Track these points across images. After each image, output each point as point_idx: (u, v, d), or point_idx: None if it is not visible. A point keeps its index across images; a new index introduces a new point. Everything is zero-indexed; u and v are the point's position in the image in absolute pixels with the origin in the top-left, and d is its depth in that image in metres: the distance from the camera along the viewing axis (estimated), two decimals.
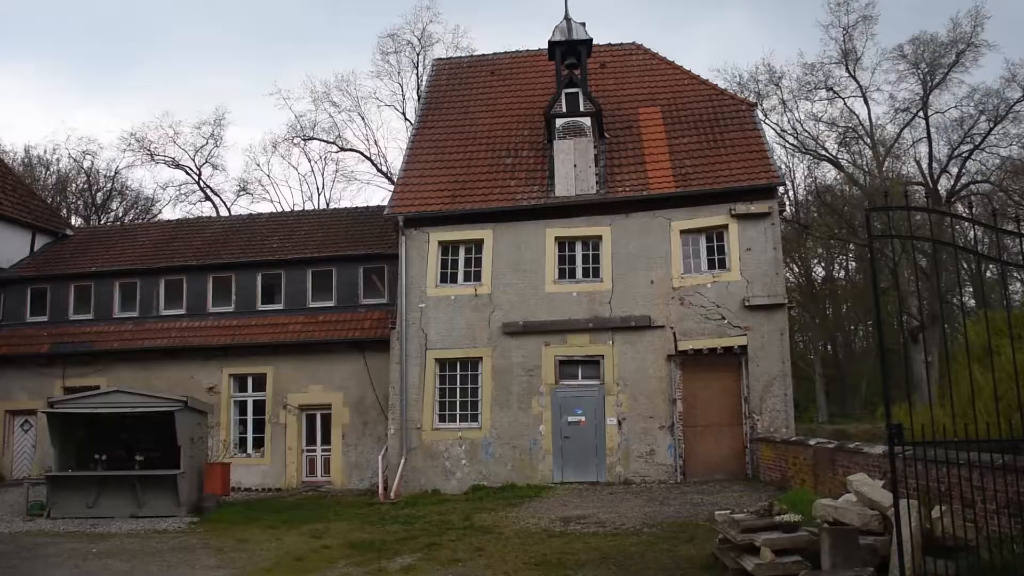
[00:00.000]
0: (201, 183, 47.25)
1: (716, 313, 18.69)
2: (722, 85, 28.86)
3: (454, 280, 19.99)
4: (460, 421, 19.39)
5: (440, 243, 20.10)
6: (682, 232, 19.39)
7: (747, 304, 18.55)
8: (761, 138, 20.75)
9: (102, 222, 45.01)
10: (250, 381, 22.39)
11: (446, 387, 19.60)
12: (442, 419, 19.47)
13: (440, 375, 19.62)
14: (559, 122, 20.75)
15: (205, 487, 17.45)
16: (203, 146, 47.55)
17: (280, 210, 42.23)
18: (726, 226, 19.16)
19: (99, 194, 47.68)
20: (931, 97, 37.78)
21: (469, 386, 19.51)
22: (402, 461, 18.88)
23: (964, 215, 23.33)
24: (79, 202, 47.57)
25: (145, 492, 16.47)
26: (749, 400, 18.34)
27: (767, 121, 38.59)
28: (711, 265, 19.23)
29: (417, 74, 42.57)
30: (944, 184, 38.45)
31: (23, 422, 23.83)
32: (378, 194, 75.19)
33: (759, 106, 32.71)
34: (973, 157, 37.90)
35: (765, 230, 19.00)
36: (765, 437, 17.52)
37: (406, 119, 42.92)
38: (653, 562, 10.09)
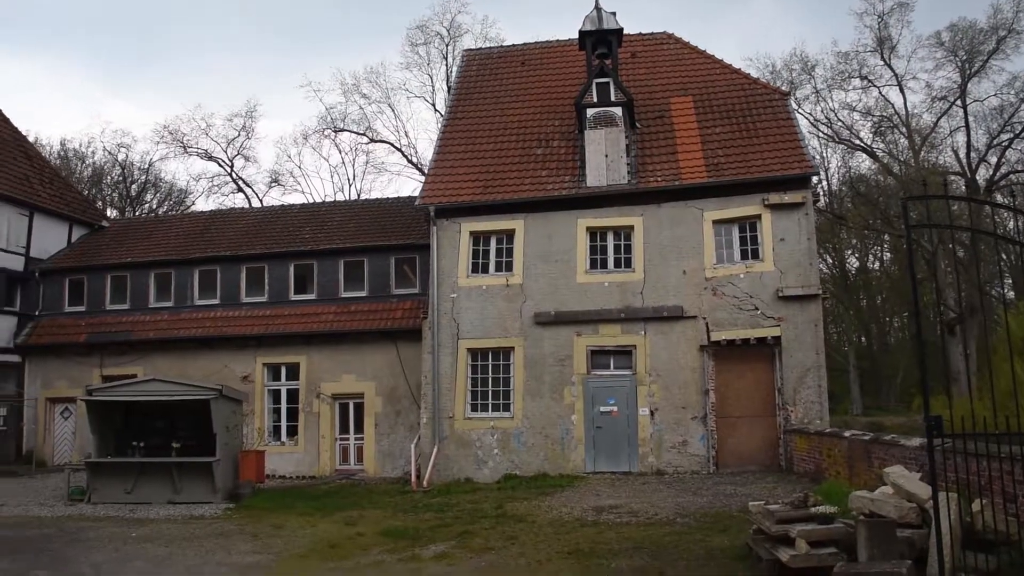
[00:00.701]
0: (233, 175, 47.63)
1: (749, 304, 18.57)
2: (754, 74, 28.62)
3: (485, 270, 20.04)
4: (492, 410, 19.45)
5: (471, 233, 20.14)
6: (714, 222, 19.27)
7: (780, 295, 18.41)
8: (794, 127, 20.53)
9: (137, 214, 45.57)
10: (283, 370, 22.62)
11: (478, 376, 19.68)
12: (474, 408, 19.55)
13: (472, 364, 19.69)
14: (590, 112, 20.68)
15: (240, 474, 17.67)
16: (235, 138, 47.90)
17: (312, 201, 42.52)
18: (759, 216, 19.02)
19: (134, 186, 48.26)
20: (970, 85, 37.11)
21: (501, 375, 19.56)
22: (434, 450, 19.00)
23: (1005, 204, 22.92)
24: (114, 194, 48.18)
25: (182, 479, 16.73)
26: (783, 391, 18.22)
27: (800, 111, 38.11)
28: (744, 255, 19.10)
29: (446, 65, 42.60)
30: (983, 174, 37.76)
31: (63, 410, 24.31)
32: (409, 185, 75.43)
33: (792, 95, 32.31)
34: (1013, 146, 37.18)
35: (799, 220, 18.83)
36: (799, 428, 17.39)
37: (436, 110, 43.01)
38: (686, 552, 10.07)
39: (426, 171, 23.30)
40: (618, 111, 20.63)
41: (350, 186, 49.64)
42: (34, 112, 66.43)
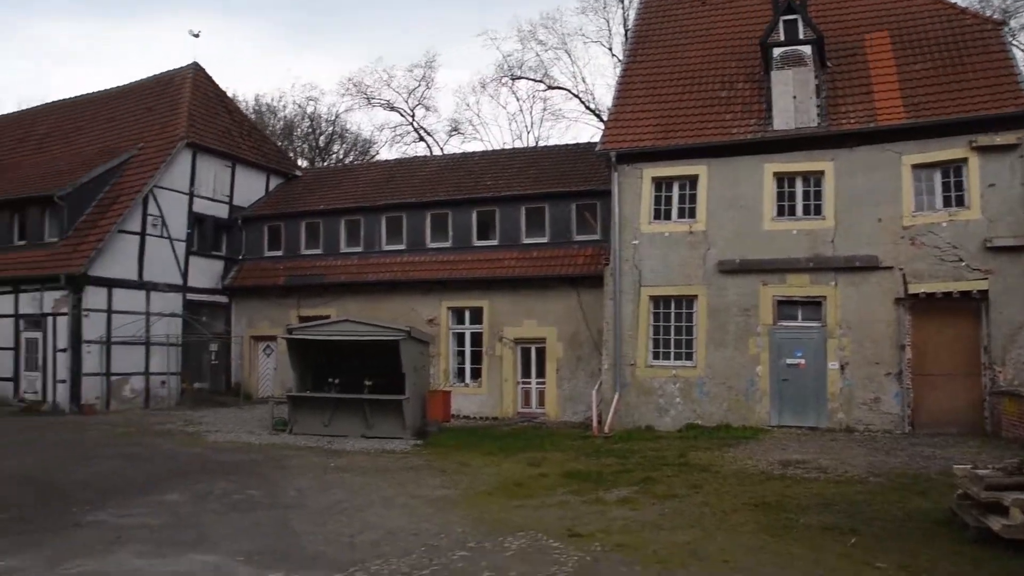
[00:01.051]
0: (414, 124, 49.02)
1: (952, 254, 17.32)
2: (962, 3, 26.30)
3: (668, 216, 19.69)
4: (674, 359, 19.23)
5: (653, 179, 19.80)
6: (913, 167, 17.98)
7: (989, 245, 17.02)
8: (1010, 60, 18.65)
9: (325, 164, 47.83)
10: (467, 314, 23.30)
11: (659, 324, 19.47)
12: (656, 356, 19.42)
13: (654, 312, 19.51)
14: (776, 51, 19.69)
15: (427, 413, 18.52)
16: (415, 88, 49.20)
17: (491, 149, 43.11)
18: (965, 160, 17.57)
19: (322, 138, 50.67)
20: None
21: (683, 324, 19.27)
22: (615, 396, 19.07)
23: None
24: (304, 145, 50.72)
25: (374, 415, 17.70)
26: (989, 350, 16.94)
27: (1015, 42, 34.75)
28: (947, 202, 17.73)
29: (623, 8, 41.97)
30: None
31: (265, 347, 26.23)
32: (586, 131, 75.05)
33: (1007, 25, 29.49)
34: None
35: (1011, 164, 17.26)
36: (1009, 391, 16.14)
37: (613, 55, 42.38)
38: (881, 512, 9.68)
39: (605, 117, 23.08)
40: (807, 49, 19.52)
41: (528, 133, 49.93)
42: (230, 68, 70.65)
